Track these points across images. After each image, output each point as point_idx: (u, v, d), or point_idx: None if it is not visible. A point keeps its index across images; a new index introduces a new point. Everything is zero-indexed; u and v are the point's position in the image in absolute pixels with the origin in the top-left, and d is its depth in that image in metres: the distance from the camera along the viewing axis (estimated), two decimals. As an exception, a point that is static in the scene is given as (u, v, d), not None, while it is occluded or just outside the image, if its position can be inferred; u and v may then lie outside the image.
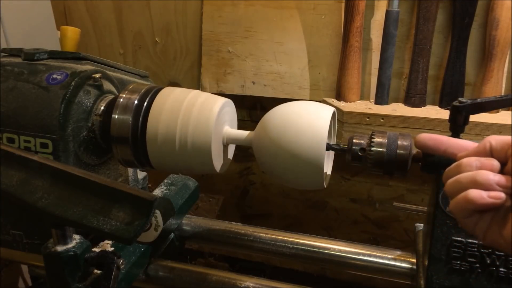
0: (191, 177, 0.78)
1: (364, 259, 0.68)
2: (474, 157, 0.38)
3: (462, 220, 0.38)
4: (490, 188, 0.35)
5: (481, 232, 0.37)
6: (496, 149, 0.37)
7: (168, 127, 0.55)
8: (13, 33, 0.92)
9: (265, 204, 1.35)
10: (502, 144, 0.37)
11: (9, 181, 0.44)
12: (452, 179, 0.38)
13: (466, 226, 0.38)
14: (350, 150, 0.55)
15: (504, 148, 0.37)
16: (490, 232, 0.37)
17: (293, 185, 0.58)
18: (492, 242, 0.37)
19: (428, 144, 0.43)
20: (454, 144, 0.42)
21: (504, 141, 0.37)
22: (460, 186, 0.37)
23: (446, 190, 0.39)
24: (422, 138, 0.44)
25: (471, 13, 0.93)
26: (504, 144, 0.37)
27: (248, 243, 0.73)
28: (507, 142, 0.37)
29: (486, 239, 0.37)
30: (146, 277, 0.67)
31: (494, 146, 0.37)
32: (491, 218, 0.37)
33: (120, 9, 1.23)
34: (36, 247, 0.61)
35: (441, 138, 0.43)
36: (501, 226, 0.36)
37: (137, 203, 0.41)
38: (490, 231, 0.37)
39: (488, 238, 0.37)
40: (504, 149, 0.37)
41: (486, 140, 0.38)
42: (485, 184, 0.35)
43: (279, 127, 0.54)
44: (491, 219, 0.37)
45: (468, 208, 0.36)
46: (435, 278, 0.56)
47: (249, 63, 1.12)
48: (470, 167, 0.37)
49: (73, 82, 0.56)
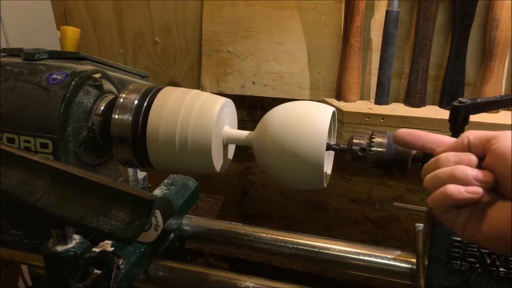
0: (191, 177, 0.78)
1: (364, 259, 0.68)
2: (452, 152, 0.38)
3: (440, 216, 0.38)
4: (468, 183, 0.35)
5: (460, 227, 0.37)
6: (474, 144, 0.37)
7: (168, 127, 0.55)
8: (13, 33, 0.92)
9: (265, 204, 1.35)
10: (479, 139, 0.37)
11: (9, 181, 0.44)
12: (430, 174, 0.38)
13: (445, 221, 0.38)
14: (350, 150, 0.55)
15: (482, 143, 0.37)
16: (468, 227, 0.37)
17: (293, 185, 0.58)
18: (470, 237, 0.37)
19: (406, 139, 0.43)
20: (432, 139, 0.42)
21: (482, 135, 0.37)
22: (438, 181, 0.37)
23: (424, 185, 0.39)
24: (400, 133, 0.44)
25: (471, 13, 0.93)
26: (481, 139, 0.37)
27: (248, 243, 0.73)
28: (484, 137, 0.37)
29: (464, 235, 0.37)
30: (146, 277, 0.67)
31: (472, 141, 0.37)
32: (469, 213, 0.37)
33: (120, 9, 1.23)
34: (36, 247, 0.61)
35: (419, 133, 0.43)
36: (480, 221, 0.36)
37: (137, 203, 0.41)
38: (468, 226, 0.37)
39: (466, 233, 0.37)
40: (482, 144, 0.37)
41: (464, 135, 0.38)
42: (463, 179, 0.35)
43: (279, 127, 0.54)
44: (469, 214, 0.37)
45: (446, 203, 0.36)
46: (435, 278, 0.56)
47: (249, 63, 1.12)
48: (448, 162, 0.37)
49: (73, 82, 0.56)
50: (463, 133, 0.38)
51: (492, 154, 0.35)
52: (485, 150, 0.36)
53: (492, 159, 0.36)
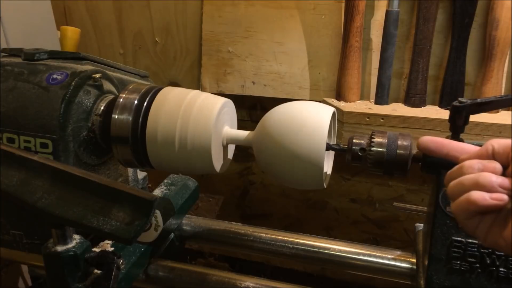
0: (191, 177, 0.78)
1: (364, 259, 0.68)
2: (476, 159, 0.38)
3: (463, 222, 0.38)
4: (493, 190, 0.35)
5: (482, 233, 0.37)
6: (498, 152, 0.37)
7: (168, 127, 0.55)
8: (13, 33, 0.92)
9: (265, 204, 1.35)
10: (504, 148, 0.37)
11: (9, 181, 0.44)
12: (455, 181, 0.38)
13: (467, 228, 0.38)
14: (350, 150, 0.55)
15: (506, 152, 0.37)
16: (491, 233, 0.37)
17: (293, 185, 0.58)
18: (493, 244, 0.37)
19: (430, 147, 0.44)
20: (456, 147, 0.42)
21: (506, 144, 0.37)
22: (463, 188, 0.37)
23: (448, 192, 0.39)
24: (424, 141, 0.44)
25: (471, 13, 0.93)
26: (506, 148, 0.37)
27: (248, 243, 0.73)
28: (509, 146, 0.37)
29: (487, 241, 0.38)
30: (146, 277, 0.67)
31: (496, 149, 0.37)
32: (492, 220, 0.37)
33: (120, 9, 1.23)
34: (36, 247, 0.61)
35: (443, 141, 0.43)
36: (502, 228, 0.36)
37: (137, 203, 0.41)
38: (491, 232, 0.37)
39: (489, 240, 0.37)
40: (506, 152, 0.37)
41: (489, 143, 0.38)
42: (487, 186, 0.35)
43: (279, 127, 0.54)
44: (492, 221, 0.37)
45: (470, 209, 0.36)
46: (435, 278, 0.56)
47: (249, 63, 1.12)
48: (472, 169, 0.37)
49: (73, 82, 0.56)
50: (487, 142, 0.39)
51: None
52: (509, 158, 0.37)
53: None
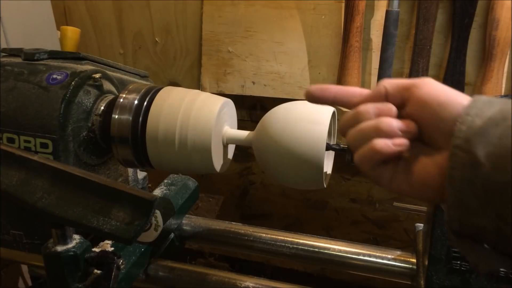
0: (191, 177, 0.78)
1: (364, 259, 0.68)
2: (370, 103, 0.37)
3: (369, 172, 0.37)
4: (394, 135, 0.35)
5: (386, 181, 0.37)
6: (391, 93, 0.36)
7: (167, 127, 0.55)
8: (13, 33, 0.92)
9: (265, 204, 1.35)
10: (397, 88, 0.36)
11: (9, 181, 0.44)
12: (354, 129, 0.37)
13: (372, 178, 0.38)
14: (350, 150, 0.55)
15: (400, 92, 0.36)
16: (395, 180, 0.36)
17: (293, 185, 0.58)
18: (398, 190, 0.37)
19: (315, 94, 0.41)
20: (343, 91, 0.40)
21: (400, 84, 0.36)
22: (364, 137, 0.36)
23: (347, 142, 0.38)
24: (309, 89, 0.41)
25: (471, 13, 0.93)
26: (399, 88, 0.36)
27: (248, 243, 0.73)
28: (402, 85, 0.36)
29: (392, 188, 0.37)
30: (146, 277, 0.67)
31: (389, 90, 0.36)
32: (394, 166, 0.36)
33: (120, 9, 1.23)
34: (36, 247, 0.61)
35: (329, 86, 0.41)
36: (406, 173, 0.36)
37: (137, 203, 0.41)
38: (394, 179, 0.36)
39: (394, 186, 0.37)
40: (400, 92, 0.36)
41: (380, 84, 0.37)
42: (389, 131, 0.35)
43: (279, 127, 0.54)
44: (395, 167, 0.36)
45: (375, 159, 0.35)
46: (435, 278, 0.56)
47: (249, 63, 1.12)
48: (368, 114, 0.36)
49: (73, 82, 0.56)
50: (378, 83, 0.37)
51: (415, 102, 0.35)
52: (404, 98, 0.36)
53: (414, 107, 0.35)
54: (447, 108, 0.33)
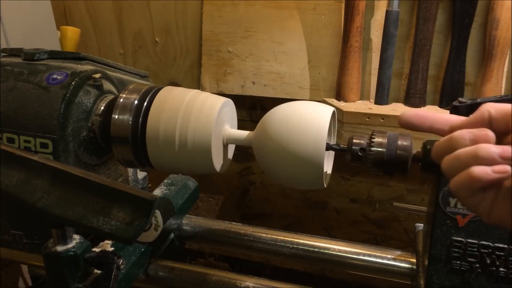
0: (191, 177, 0.78)
1: (364, 259, 0.68)
2: (465, 129, 0.35)
3: (465, 200, 0.35)
4: (494, 162, 0.32)
5: (485, 210, 0.34)
6: (496, 118, 0.34)
7: (168, 127, 0.55)
8: (13, 33, 0.92)
9: (265, 204, 1.35)
10: (502, 113, 0.33)
11: (9, 181, 0.44)
12: (450, 156, 0.35)
13: (469, 206, 0.35)
14: (350, 150, 0.55)
15: (505, 118, 0.33)
16: (495, 209, 0.34)
17: (293, 185, 0.58)
18: (498, 220, 0.34)
19: (413, 121, 0.39)
20: (440, 119, 0.38)
21: (505, 109, 0.33)
22: (460, 164, 0.34)
23: (443, 169, 0.36)
24: (405, 115, 0.40)
25: (471, 13, 0.93)
26: (504, 113, 0.33)
27: (248, 243, 0.73)
28: (507, 111, 0.33)
29: (491, 218, 0.34)
30: (146, 277, 0.67)
31: (494, 115, 0.34)
32: (494, 194, 0.34)
33: (120, 9, 1.23)
34: (36, 247, 0.61)
35: (426, 113, 0.39)
36: (508, 202, 0.33)
37: (137, 203, 0.41)
38: (495, 208, 0.34)
39: (493, 217, 0.34)
40: (505, 118, 0.33)
41: (484, 108, 0.34)
42: (488, 158, 0.32)
43: (279, 127, 0.54)
44: (495, 196, 0.34)
45: (473, 186, 0.33)
46: (435, 278, 0.56)
47: (249, 63, 1.12)
48: (464, 140, 0.34)
49: (73, 82, 0.56)
50: (481, 107, 0.35)
51: None
52: (508, 126, 0.33)
53: None
54: None
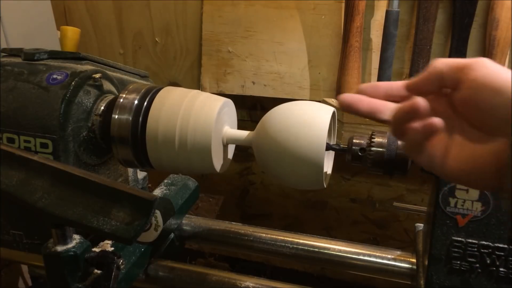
0: (191, 177, 0.78)
1: (364, 259, 0.68)
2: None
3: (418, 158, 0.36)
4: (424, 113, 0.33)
5: (439, 167, 0.36)
6: (447, 73, 0.34)
7: (167, 127, 0.55)
8: (13, 33, 0.92)
9: (265, 204, 1.35)
10: (452, 68, 0.34)
11: (9, 181, 0.44)
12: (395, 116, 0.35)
13: (424, 163, 0.37)
14: (350, 150, 0.55)
15: (455, 73, 0.34)
16: (448, 167, 0.35)
17: (293, 185, 0.58)
18: (452, 177, 0.36)
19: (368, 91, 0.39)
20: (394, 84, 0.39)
21: (454, 64, 0.34)
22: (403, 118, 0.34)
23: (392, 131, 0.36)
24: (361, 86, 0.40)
25: (471, 13, 0.93)
26: (454, 68, 0.34)
27: (248, 243, 0.73)
28: (456, 65, 0.34)
29: (446, 173, 0.36)
30: (146, 277, 0.67)
31: (444, 70, 0.34)
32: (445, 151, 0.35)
33: (120, 9, 1.23)
34: (36, 247, 0.61)
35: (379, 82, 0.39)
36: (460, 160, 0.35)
37: (137, 203, 0.41)
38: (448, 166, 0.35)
39: (447, 173, 0.36)
40: (455, 73, 0.34)
41: (436, 64, 0.35)
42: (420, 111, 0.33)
43: (279, 127, 0.54)
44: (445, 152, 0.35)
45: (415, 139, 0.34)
46: (435, 278, 0.56)
47: (249, 63, 1.12)
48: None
49: (73, 82, 0.56)
50: (433, 62, 0.35)
51: (469, 86, 0.33)
52: (459, 80, 0.34)
53: (468, 91, 0.33)
54: (504, 93, 0.31)
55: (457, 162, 0.35)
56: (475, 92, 0.33)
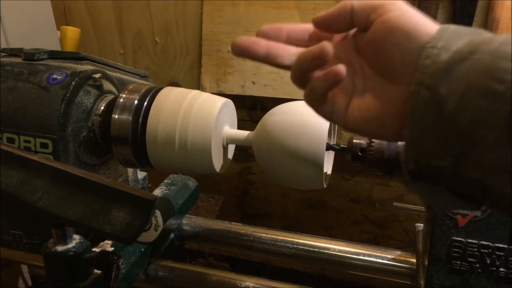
0: (191, 177, 0.78)
1: (364, 259, 0.68)
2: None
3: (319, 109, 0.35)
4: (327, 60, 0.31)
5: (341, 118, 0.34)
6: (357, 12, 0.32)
7: (168, 127, 0.55)
8: (13, 33, 0.92)
9: (265, 204, 1.35)
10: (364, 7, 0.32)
11: (9, 181, 0.44)
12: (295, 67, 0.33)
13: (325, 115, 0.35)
14: (350, 150, 0.55)
15: (367, 12, 0.32)
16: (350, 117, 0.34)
17: (293, 185, 0.58)
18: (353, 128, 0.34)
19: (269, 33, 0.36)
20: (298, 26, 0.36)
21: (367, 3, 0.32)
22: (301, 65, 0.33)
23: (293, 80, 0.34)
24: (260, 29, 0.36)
25: (471, 13, 0.93)
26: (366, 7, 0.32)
27: (248, 243, 0.73)
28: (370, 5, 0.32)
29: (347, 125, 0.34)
30: (146, 277, 0.67)
31: (355, 8, 0.32)
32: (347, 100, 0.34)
33: (120, 9, 1.23)
34: (36, 247, 0.61)
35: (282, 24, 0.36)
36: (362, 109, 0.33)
37: (137, 203, 0.41)
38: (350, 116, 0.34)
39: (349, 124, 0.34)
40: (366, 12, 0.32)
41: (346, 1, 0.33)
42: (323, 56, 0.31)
43: (279, 127, 0.54)
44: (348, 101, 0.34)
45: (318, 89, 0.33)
46: (435, 278, 0.56)
47: (249, 63, 1.12)
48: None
49: (73, 82, 0.56)
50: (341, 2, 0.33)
51: (379, 27, 0.31)
52: (370, 20, 0.32)
53: (378, 33, 0.31)
54: (414, 38, 0.30)
55: (358, 111, 0.33)
56: (386, 34, 0.31)
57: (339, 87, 0.33)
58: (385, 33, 0.31)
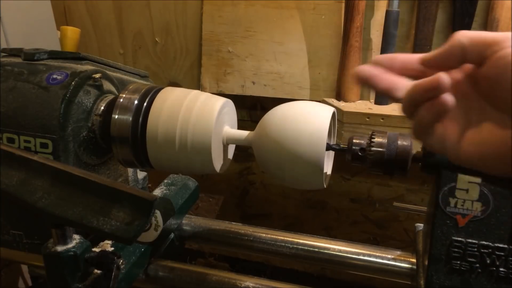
0: (191, 177, 0.78)
1: (364, 259, 0.68)
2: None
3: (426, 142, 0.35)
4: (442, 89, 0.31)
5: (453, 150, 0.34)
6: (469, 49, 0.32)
7: (168, 127, 0.55)
8: (13, 33, 0.92)
9: (265, 204, 1.35)
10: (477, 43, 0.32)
11: (9, 181, 0.44)
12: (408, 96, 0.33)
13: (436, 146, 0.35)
14: (350, 150, 0.55)
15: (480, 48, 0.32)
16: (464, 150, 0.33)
17: (293, 185, 0.58)
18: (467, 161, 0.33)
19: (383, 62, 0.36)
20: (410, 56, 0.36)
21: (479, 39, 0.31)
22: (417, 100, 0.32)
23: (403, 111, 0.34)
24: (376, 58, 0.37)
25: (471, 13, 0.93)
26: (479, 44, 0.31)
27: (248, 243, 0.73)
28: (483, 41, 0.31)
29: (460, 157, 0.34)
30: (146, 277, 0.67)
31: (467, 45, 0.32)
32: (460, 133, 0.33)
33: (120, 9, 1.23)
34: (36, 247, 0.61)
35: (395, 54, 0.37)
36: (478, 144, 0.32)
37: (137, 203, 0.41)
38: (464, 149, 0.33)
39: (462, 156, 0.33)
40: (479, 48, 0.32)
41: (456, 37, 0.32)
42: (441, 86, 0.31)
43: (279, 127, 0.54)
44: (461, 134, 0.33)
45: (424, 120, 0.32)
46: (435, 278, 0.56)
47: (249, 63, 1.12)
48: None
49: (73, 82, 0.56)
50: (454, 35, 0.33)
51: (494, 64, 0.31)
52: (483, 56, 0.31)
53: (493, 70, 0.31)
54: None
55: (473, 145, 0.33)
56: (502, 71, 0.30)
57: (451, 119, 0.33)
58: (501, 70, 0.30)
